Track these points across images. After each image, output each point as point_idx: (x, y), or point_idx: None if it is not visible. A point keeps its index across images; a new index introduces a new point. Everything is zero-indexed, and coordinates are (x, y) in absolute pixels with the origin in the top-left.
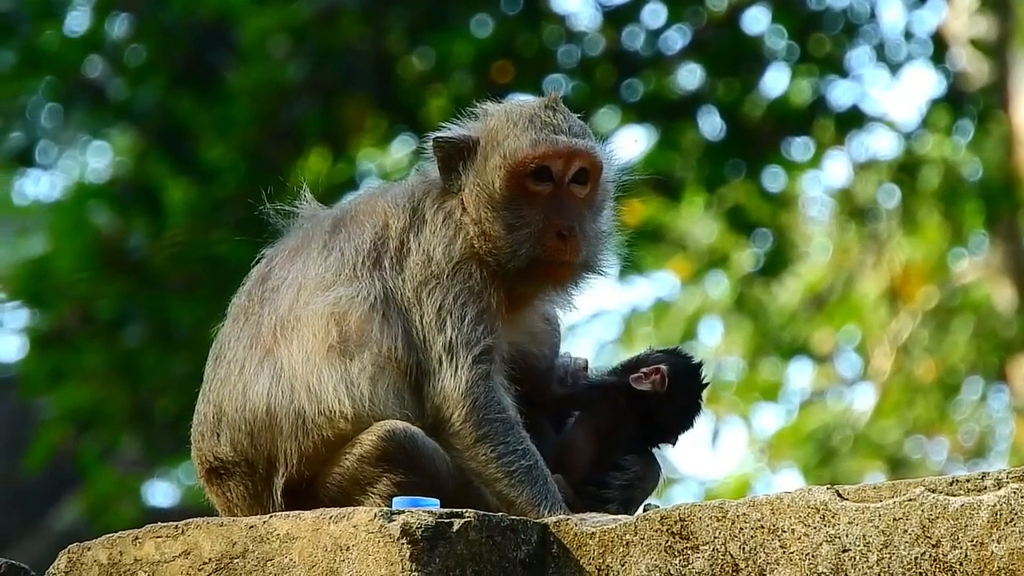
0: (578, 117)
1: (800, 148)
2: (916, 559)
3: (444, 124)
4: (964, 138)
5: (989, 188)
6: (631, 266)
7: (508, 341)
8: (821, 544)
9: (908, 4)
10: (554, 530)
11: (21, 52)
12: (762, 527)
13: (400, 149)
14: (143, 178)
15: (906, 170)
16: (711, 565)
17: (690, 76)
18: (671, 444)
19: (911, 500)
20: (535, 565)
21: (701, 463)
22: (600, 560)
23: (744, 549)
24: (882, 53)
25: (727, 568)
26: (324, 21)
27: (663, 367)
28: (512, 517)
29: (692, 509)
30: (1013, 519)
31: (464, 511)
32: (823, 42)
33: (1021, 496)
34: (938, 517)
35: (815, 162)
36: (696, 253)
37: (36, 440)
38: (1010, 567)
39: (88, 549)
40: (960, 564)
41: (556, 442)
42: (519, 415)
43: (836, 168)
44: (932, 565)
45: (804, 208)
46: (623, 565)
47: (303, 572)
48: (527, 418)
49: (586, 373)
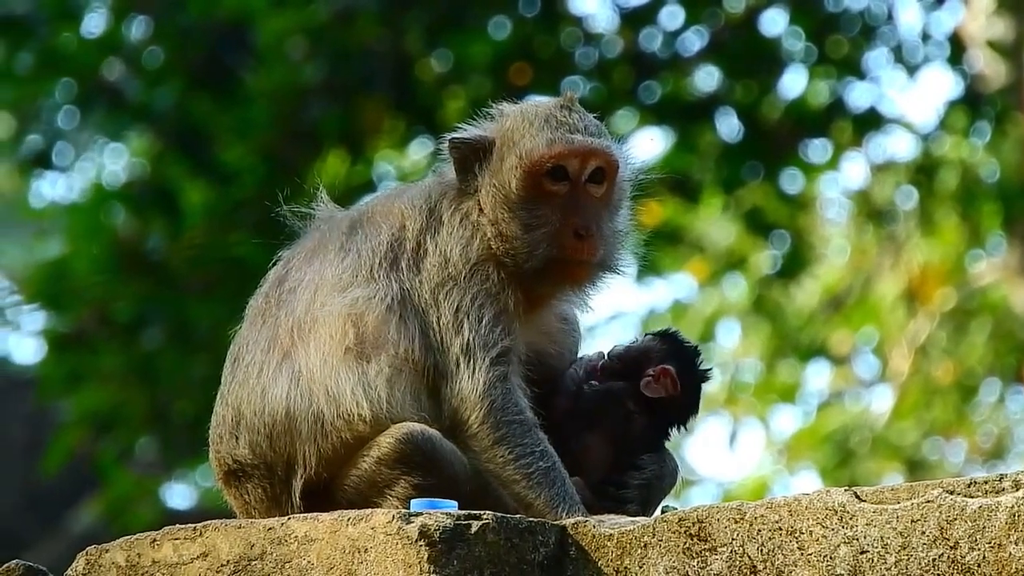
0: (595, 118)
1: (818, 150)
2: (934, 561)
3: (460, 125)
4: (981, 140)
5: (1006, 189)
6: (649, 267)
7: (525, 342)
8: (839, 546)
9: (925, 6)
10: (572, 532)
11: (39, 54)
12: (780, 529)
13: (417, 151)
14: (161, 180)
15: (924, 172)
16: (729, 567)
17: (708, 78)
18: (684, 430)
19: (929, 502)
20: (553, 567)
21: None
22: (618, 562)
23: (762, 551)
24: (899, 55)
25: (745, 570)
26: (342, 23)
27: (670, 368)
28: (530, 519)
29: (710, 511)
30: None
31: (482, 513)
32: (841, 44)
33: None
34: (956, 519)
35: (833, 164)
36: (714, 255)
37: (54, 443)
38: None
39: (106, 551)
40: (978, 566)
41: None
42: (537, 417)
43: (854, 170)
44: (950, 567)
45: (822, 210)
46: (641, 567)
47: (321, 574)
48: (544, 420)
49: (592, 382)
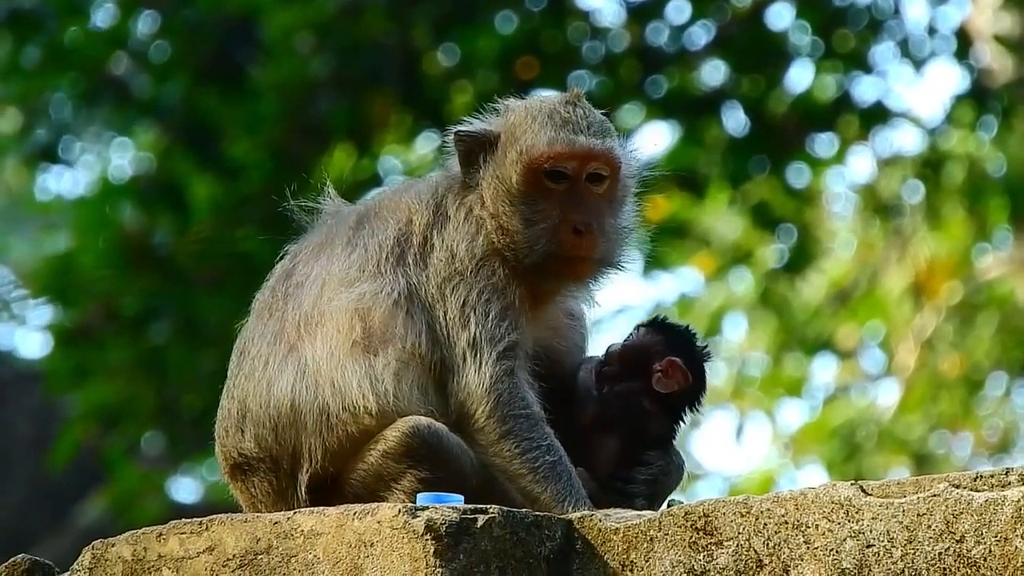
0: (601, 113)
1: (824, 144)
2: (940, 554)
3: (466, 119)
4: (988, 134)
5: (1013, 184)
6: (655, 262)
7: (533, 337)
8: (845, 539)
9: (932, 0)
10: (578, 526)
11: (46, 48)
12: (786, 523)
13: (425, 145)
14: (168, 174)
15: (930, 166)
16: (735, 561)
17: (714, 72)
18: (698, 411)
19: (935, 496)
20: (559, 561)
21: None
22: (624, 556)
23: (768, 545)
24: (906, 49)
25: (751, 564)
26: (349, 17)
27: (676, 360)
28: (536, 513)
29: (716, 505)
30: None
31: (488, 507)
32: (847, 38)
33: None
34: (962, 512)
35: (839, 158)
36: (720, 249)
37: (61, 437)
38: None
39: (112, 545)
40: (984, 560)
41: (581, 438)
42: (543, 411)
43: (860, 164)
44: (956, 561)
45: (828, 204)
46: (647, 561)
47: (327, 568)
48: (551, 414)
49: (600, 386)
